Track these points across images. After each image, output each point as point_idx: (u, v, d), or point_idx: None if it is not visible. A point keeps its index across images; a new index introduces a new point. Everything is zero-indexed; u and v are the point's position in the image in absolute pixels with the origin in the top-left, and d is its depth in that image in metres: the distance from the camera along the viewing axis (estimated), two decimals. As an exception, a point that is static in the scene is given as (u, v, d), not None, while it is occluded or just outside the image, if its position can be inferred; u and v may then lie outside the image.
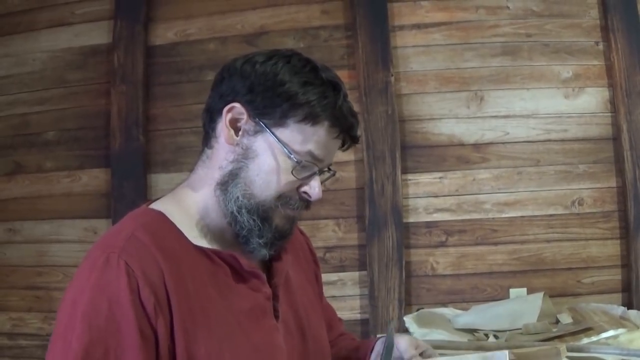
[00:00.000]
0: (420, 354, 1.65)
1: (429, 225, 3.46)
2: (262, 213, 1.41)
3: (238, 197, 1.39)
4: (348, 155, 3.50)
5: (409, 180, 3.47)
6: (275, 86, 1.38)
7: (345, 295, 3.48)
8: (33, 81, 3.79)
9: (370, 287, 3.41)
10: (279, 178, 1.39)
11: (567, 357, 2.30)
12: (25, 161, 3.77)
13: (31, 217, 3.75)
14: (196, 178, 1.48)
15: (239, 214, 1.40)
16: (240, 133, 1.41)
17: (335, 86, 1.42)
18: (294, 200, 1.43)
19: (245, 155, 1.40)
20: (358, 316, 3.47)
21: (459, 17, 3.51)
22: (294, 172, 1.39)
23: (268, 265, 1.53)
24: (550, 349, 2.28)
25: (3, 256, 3.77)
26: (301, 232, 1.77)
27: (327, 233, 3.49)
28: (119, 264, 1.27)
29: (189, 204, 1.45)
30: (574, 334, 2.72)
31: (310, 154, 1.40)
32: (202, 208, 1.44)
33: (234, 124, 1.41)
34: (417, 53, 3.52)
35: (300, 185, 1.43)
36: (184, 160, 3.57)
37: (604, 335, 2.64)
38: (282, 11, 3.61)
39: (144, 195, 3.55)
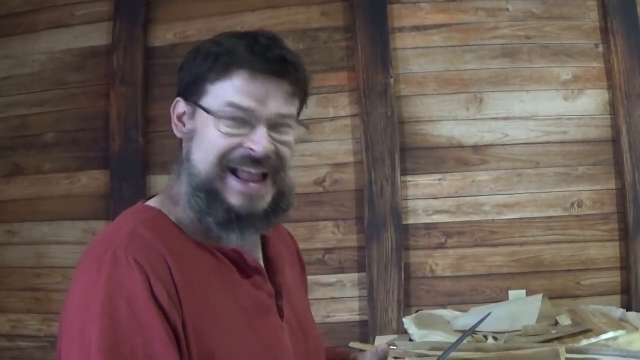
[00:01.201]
0: None
1: (428, 226, 3.46)
2: (207, 186, 1.35)
3: (188, 180, 1.37)
4: (347, 157, 3.51)
5: (408, 181, 3.47)
6: (193, 61, 1.40)
7: (344, 296, 3.48)
8: (32, 82, 3.79)
9: (369, 289, 3.41)
10: (211, 140, 1.35)
11: (566, 358, 2.31)
12: (24, 162, 3.77)
13: (30, 218, 3.75)
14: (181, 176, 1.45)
15: (191, 195, 1.36)
16: (185, 122, 1.42)
17: (246, 34, 1.41)
18: (236, 160, 1.35)
19: (189, 138, 1.40)
20: (357, 318, 3.47)
21: (459, 19, 3.51)
22: (219, 126, 1.34)
23: (266, 264, 1.50)
24: (549, 351, 2.29)
25: (2, 257, 3.77)
26: (290, 236, 1.75)
27: (326, 234, 3.49)
28: (128, 261, 1.24)
29: (181, 202, 1.41)
30: (573, 335, 2.72)
31: (232, 104, 1.34)
32: (186, 204, 1.40)
33: (181, 119, 1.43)
34: (416, 55, 3.52)
35: (243, 142, 1.36)
36: (183, 161, 3.56)
37: (603, 337, 2.64)
38: (281, 12, 3.61)
39: (143, 196, 3.50)
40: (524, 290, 3.37)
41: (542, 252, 3.41)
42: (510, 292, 3.38)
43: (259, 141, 1.35)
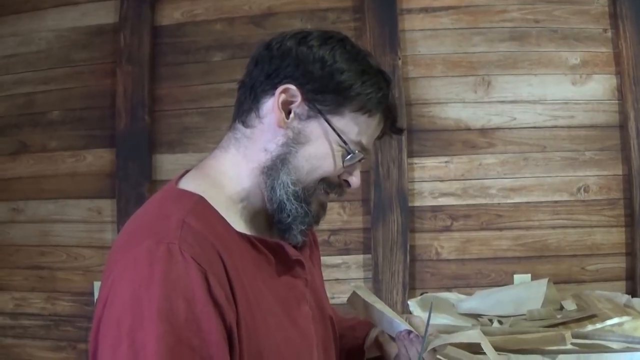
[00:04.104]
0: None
1: (434, 209, 3.46)
2: (305, 198, 1.38)
3: (288, 184, 1.35)
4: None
5: (415, 164, 3.46)
6: (334, 73, 1.35)
7: (349, 278, 3.48)
8: (39, 60, 3.78)
9: (375, 271, 3.41)
10: (328, 165, 1.38)
11: (571, 343, 2.30)
12: (30, 140, 3.76)
13: (35, 196, 3.75)
14: (230, 158, 1.41)
15: (288, 201, 1.36)
16: (291, 116, 1.36)
17: (385, 77, 1.42)
18: (333, 186, 1.42)
19: (296, 140, 1.36)
20: (362, 300, 3.46)
21: (468, 2, 3.48)
22: (345, 161, 1.38)
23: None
24: (555, 335, 2.28)
25: (7, 235, 3.77)
26: None
27: (332, 216, 3.48)
28: (185, 257, 1.18)
29: (229, 187, 1.39)
30: (578, 320, 2.72)
31: (360, 144, 1.40)
32: (244, 192, 1.39)
33: (286, 107, 1.36)
34: (425, 37, 3.49)
35: (342, 173, 1.42)
36: (189, 141, 3.57)
37: (609, 322, 2.63)
38: (290, -8, 3.60)
39: (148, 175, 3.55)
40: (529, 275, 3.37)
41: (548, 236, 3.41)
42: (515, 276, 3.38)
43: (356, 181, 1.45)
